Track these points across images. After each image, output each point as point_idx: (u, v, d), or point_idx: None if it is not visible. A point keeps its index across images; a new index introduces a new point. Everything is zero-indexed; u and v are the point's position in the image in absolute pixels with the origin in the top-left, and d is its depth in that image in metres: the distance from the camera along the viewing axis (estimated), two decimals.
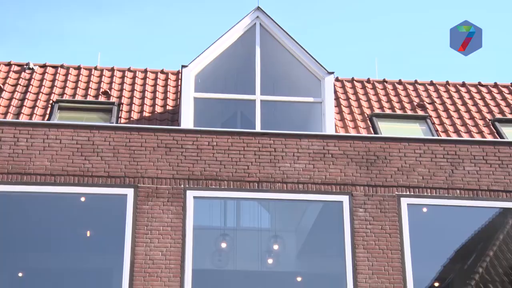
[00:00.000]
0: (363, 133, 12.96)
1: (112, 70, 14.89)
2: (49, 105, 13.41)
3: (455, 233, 11.83)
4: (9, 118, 12.84)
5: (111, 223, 11.39)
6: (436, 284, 11.74)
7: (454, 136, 12.96)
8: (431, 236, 11.64)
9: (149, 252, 10.84)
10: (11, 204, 11.26)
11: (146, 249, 10.85)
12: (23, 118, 12.81)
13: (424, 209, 11.67)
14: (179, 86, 13.73)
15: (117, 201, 11.19)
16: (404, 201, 11.38)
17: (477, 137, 13.06)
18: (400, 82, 15.30)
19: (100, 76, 14.64)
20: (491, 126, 13.65)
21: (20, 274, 11.34)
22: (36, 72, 14.56)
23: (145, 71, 14.97)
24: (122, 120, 12.98)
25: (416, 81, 15.34)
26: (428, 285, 11.60)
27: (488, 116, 14.15)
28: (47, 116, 13.03)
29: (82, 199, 11.30)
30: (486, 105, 14.62)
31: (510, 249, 11.73)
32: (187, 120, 12.44)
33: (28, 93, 13.77)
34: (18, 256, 11.27)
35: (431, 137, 12.69)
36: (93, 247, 11.36)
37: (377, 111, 14.07)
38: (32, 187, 11.03)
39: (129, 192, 11.11)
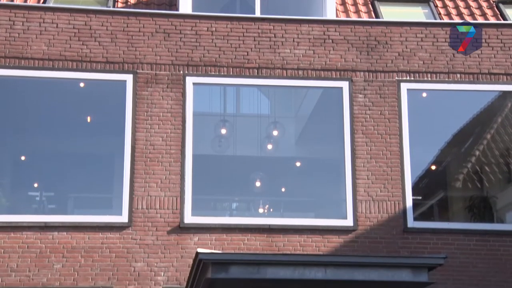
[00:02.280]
0: (365, 17, 12.77)
1: None
2: None
3: (454, 118, 11.87)
4: (4, 0, 12.60)
5: (111, 109, 11.41)
6: (433, 167, 11.91)
7: (457, 20, 12.75)
8: (430, 121, 11.69)
9: (149, 137, 10.91)
10: (10, 88, 11.25)
11: (147, 135, 10.92)
12: (18, 1, 12.59)
13: (424, 94, 11.66)
14: None
15: (117, 87, 11.16)
16: (404, 86, 11.34)
17: (480, 20, 12.84)
18: None
19: None
20: (495, 8, 13.39)
21: (22, 158, 11.48)
22: None
23: None
24: (119, 4, 12.75)
25: None
26: (425, 168, 11.78)
27: None
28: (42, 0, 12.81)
29: (81, 84, 11.26)
30: None
31: (507, 131, 11.81)
32: (185, 5, 12.22)
33: None
34: (20, 140, 11.37)
35: (432, 20, 12.50)
36: (94, 132, 11.43)
37: None
38: (30, 71, 10.98)
39: (128, 78, 11.07)
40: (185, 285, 9.59)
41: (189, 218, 10.68)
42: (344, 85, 11.32)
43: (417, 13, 13.20)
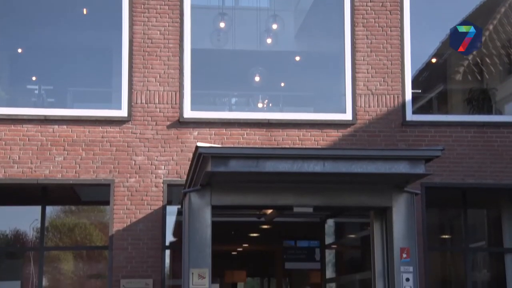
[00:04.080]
0: None
1: None
2: None
3: (455, 9, 11.67)
4: None
5: (108, 1, 11.22)
6: (434, 60, 11.84)
7: None
8: (431, 12, 11.50)
9: (147, 31, 10.79)
10: None
11: (144, 28, 10.79)
12: None
13: None
14: None
15: None
16: None
17: None
18: None
19: None
20: None
21: (19, 50, 11.38)
22: None
23: None
24: None
25: None
26: (426, 61, 11.71)
27: None
28: None
29: None
30: None
31: (510, 22, 11.66)
32: None
33: None
34: (17, 32, 11.23)
35: None
36: (92, 25, 11.28)
37: None
38: None
39: None
40: (185, 179, 9.73)
41: (189, 113, 10.71)
42: None
43: None
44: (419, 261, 9.44)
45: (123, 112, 10.65)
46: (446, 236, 12.44)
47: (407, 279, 8.81)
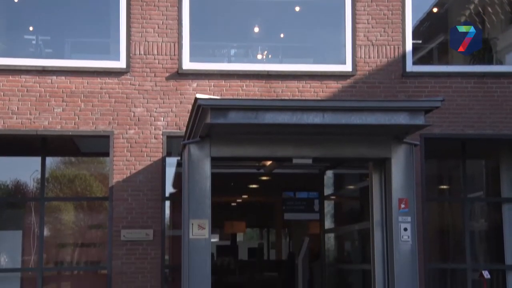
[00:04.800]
0: None
1: None
2: None
3: None
4: None
5: None
6: (435, 10, 11.73)
7: None
8: None
9: None
10: None
11: None
12: None
13: None
14: None
15: None
16: None
17: None
18: None
19: None
20: None
21: (16, 0, 11.26)
22: None
23: None
24: None
25: None
26: (427, 11, 11.60)
27: None
28: None
29: None
30: None
31: None
32: None
33: None
34: None
35: None
36: None
37: None
38: None
39: None
40: (185, 130, 9.73)
41: (187, 64, 10.65)
42: None
43: None
44: (417, 211, 9.51)
45: (121, 64, 10.59)
46: (445, 187, 12.51)
47: (405, 229, 8.89)
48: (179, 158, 10.41)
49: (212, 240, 12.31)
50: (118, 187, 10.38)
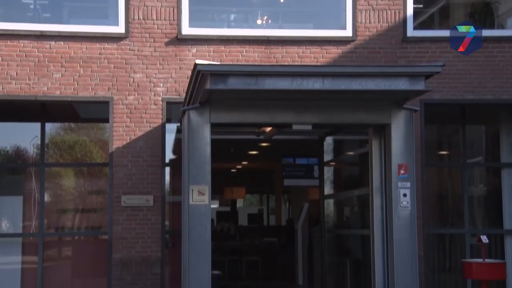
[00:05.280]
0: None
1: None
2: None
3: None
4: None
5: None
6: None
7: None
8: None
9: None
10: None
11: None
12: None
13: None
14: None
15: None
16: None
17: None
18: None
19: None
20: None
21: None
22: None
23: None
24: None
25: None
26: None
27: None
28: None
29: None
30: None
31: None
32: None
33: None
34: None
35: None
36: None
37: None
38: None
39: None
40: (184, 96, 9.70)
41: (187, 30, 10.59)
42: None
43: None
44: (417, 176, 9.53)
45: (120, 29, 10.53)
46: (444, 152, 12.52)
47: (404, 195, 8.92)
48: (178, 124, 10.39)
49: (212, 206, 12.37)
50: (118, 153, 10.38)
